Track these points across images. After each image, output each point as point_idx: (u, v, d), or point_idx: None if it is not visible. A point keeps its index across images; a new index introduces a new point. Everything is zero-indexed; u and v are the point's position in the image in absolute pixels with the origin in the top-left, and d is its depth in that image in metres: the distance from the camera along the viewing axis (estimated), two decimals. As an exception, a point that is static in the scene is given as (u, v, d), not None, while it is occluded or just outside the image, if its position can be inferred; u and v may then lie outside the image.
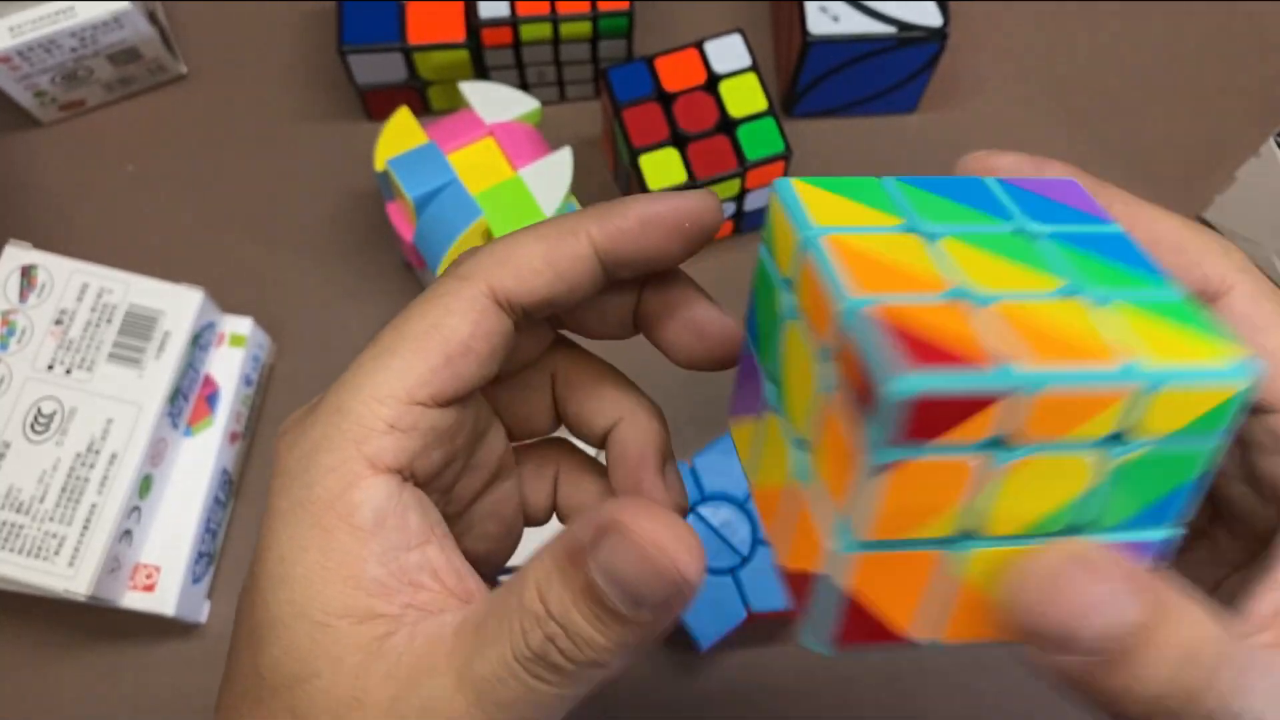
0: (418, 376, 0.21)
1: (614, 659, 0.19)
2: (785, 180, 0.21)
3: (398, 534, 0.20)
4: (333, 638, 0.20)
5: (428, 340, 0.21)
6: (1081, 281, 0.18)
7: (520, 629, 0.19)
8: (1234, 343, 0.17)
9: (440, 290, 0.22)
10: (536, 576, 0.19)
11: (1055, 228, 0.20)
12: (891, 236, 0.19)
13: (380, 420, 0.20)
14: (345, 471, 0.20)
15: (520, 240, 0.22)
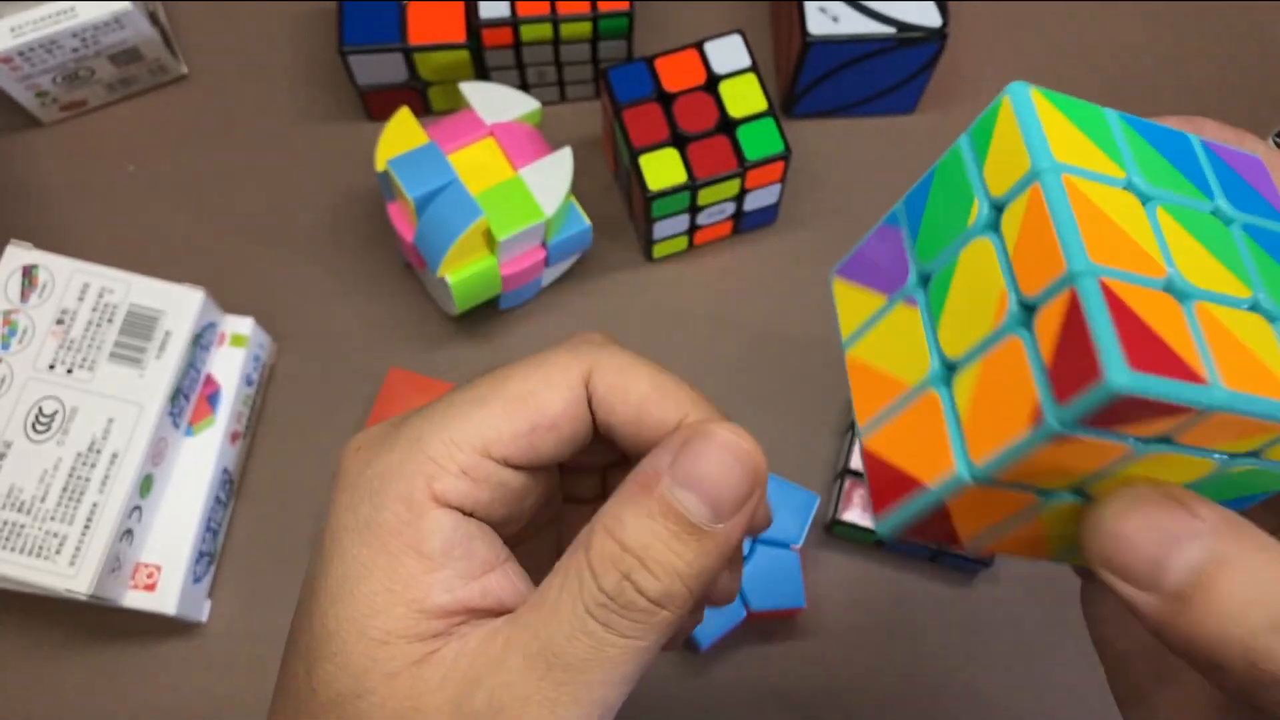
0: (500, 435, 0.21)
1: (689, 589, 0.19)
2: (1023, 87, 0.20)
3: (463, 563, 0.20)
4: (388, 654, 0.20)
5: (522, 405, 0.21)
6: (1266, 292, 0.18)
7: (591, 577, 0.19)
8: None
9: (550, 359, 0.22)
10: (604, 523, 0.20)
11: (1247, 218, 0.20)
12: (1117, 193, 0.18)
13: (455, 464, 0.21)
14: (415, 501, 0.20)
15: (637, 367, 0.23)
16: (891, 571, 0.44)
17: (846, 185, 0.51)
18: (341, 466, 0.22)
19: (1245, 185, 0.21)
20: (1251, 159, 0.21)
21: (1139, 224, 0.18)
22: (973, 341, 0.18)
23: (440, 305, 0.48)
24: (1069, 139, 0.19)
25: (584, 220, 0.45)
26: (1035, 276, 0.17)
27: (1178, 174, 0.20)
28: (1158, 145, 0.20)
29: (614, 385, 0.22)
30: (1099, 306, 0.16)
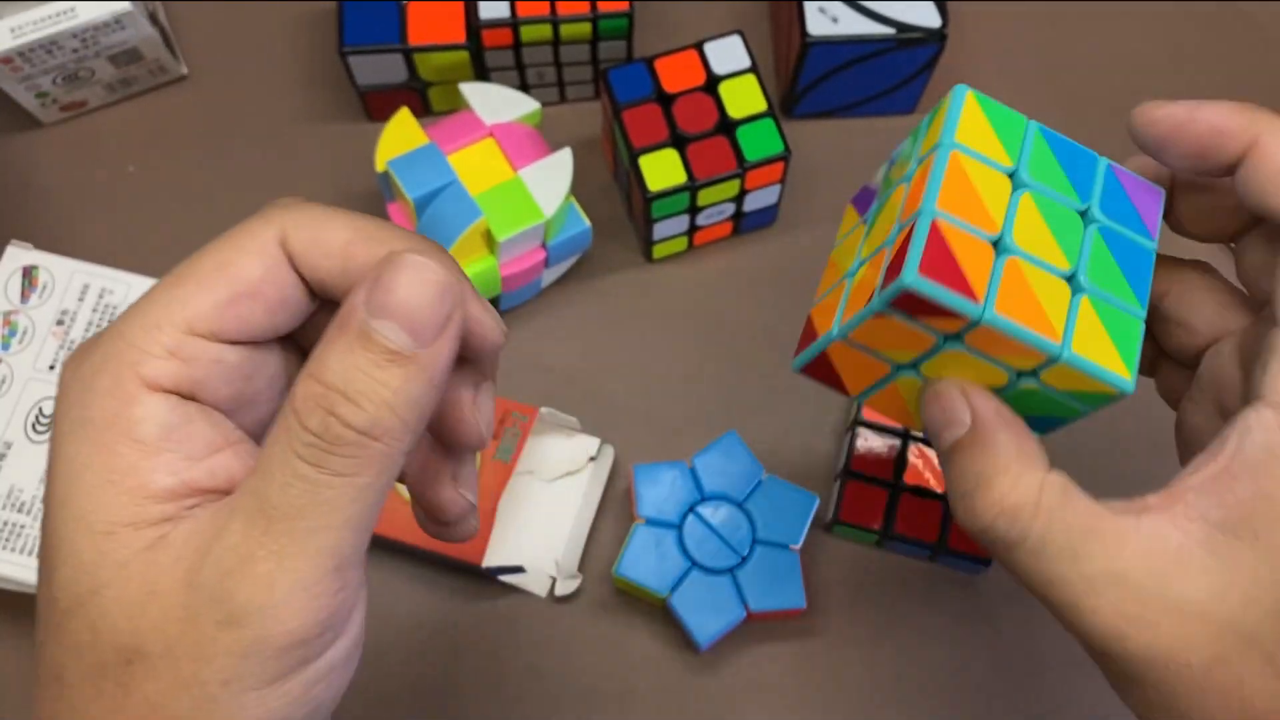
0: (200, 310, 0.21)
1: (400, 418, 0.19)
2: (963, 89, 0.28)
3: (185, 445, 0.20)
4: (116, 545, 0.20)
5: (216, 276, 0.21)
6: (1085, 273, 0.26)
7: (296, 421, 0.19)
8: (1131, 367, 0.25)
9: (242, 227, 0.21)
10: (308, 369, 0.19)
11: (1109, 223, 0.27)
12: (995, 174, 0.26)
13: (158, 345, 0.20)
14: (122, 391, 0.20)
15: (333, 218, 0.22)
16: (891, 571, 0.44)
17: (846, 186, 0.51)
18: (60, 379, 0.21)
19: (1129, 204, 0.28)
20: (1153, 189, 0.29)
21: (999, 198, 0.26)
22: (871, 250, 0.27)
23: (440, 306, 0.48)
24: (978, 131, 0.27)
25: (584, 221, 0.45)
26: (909, 210, 0.25)
27: (1064, 178, 0.27)
28: (1059, 155, 0.28)
29: (312, 239, 0.21)
30: (923, 233, 0.24)
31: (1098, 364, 0.25)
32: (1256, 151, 0.23)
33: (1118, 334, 0.25)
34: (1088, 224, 0.27)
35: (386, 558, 0.44)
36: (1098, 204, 0.27)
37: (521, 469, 0.43)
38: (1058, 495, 0.23)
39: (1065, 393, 0.26)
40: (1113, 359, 0.25)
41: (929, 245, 0.24)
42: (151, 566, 0.20)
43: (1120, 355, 0.25)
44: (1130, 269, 0.26)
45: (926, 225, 0.24)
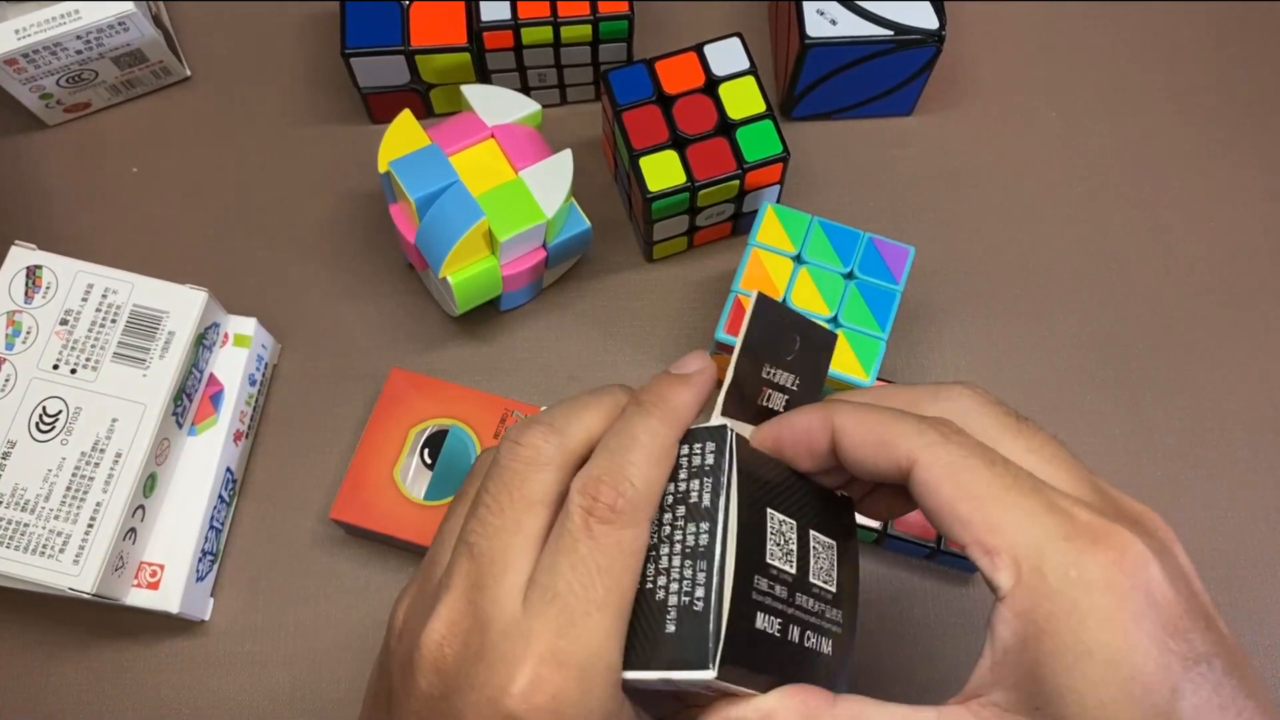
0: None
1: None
2: (765, 203, 0.44)
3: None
4: None
5: None
6: (842, 314, 0.42)
7: None
8: (869, 372, 0.41)
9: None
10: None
11: (865, 278, 0.43)
12: (780, 258, 0.43)
13: None
14: None
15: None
16: (890, 570, 0.44)
17: (845, 187, 0.51)
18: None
19: (883, 263, 0.43)
20: (902, 248, 0.43)
21: (783, 274, 0.43)
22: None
23: (442, 306, 0.48)
24: (773, 230, 0.43)
25: (584, 221, 0.45)
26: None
27: (833, 252, 0.43)
28: (830, 236, 0.43)
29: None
30: (729, 304, 0.42)
31: (845, 373, 0.41)
32: (921, 467, 0.25)
33: (862, 352, 0.41)
34: (848, 281, 0.42)
35: (387, 556, 0.44)
36: (857, 266, 0.43)
37: (522, 468, 0.43)
38: (854, 707, 0.27)
39: (836, 391, 0.35)
40: (855, 368, 0.41)
41: (732, 312, 0.42)
42: None
43: (861, 365, 0.41)
44: (877, 307, 0.42)
45: (731, 300, 0.42)
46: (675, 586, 0.25)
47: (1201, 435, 0.47)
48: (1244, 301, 0.49)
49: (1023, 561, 0.23)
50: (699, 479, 0.25)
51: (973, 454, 0.24)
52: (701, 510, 0.25)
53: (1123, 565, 0.22)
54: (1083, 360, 0.48)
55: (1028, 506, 0.24)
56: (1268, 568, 0.45)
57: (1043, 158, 0.52)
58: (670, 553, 0.25)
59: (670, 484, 0.26)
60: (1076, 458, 0.26)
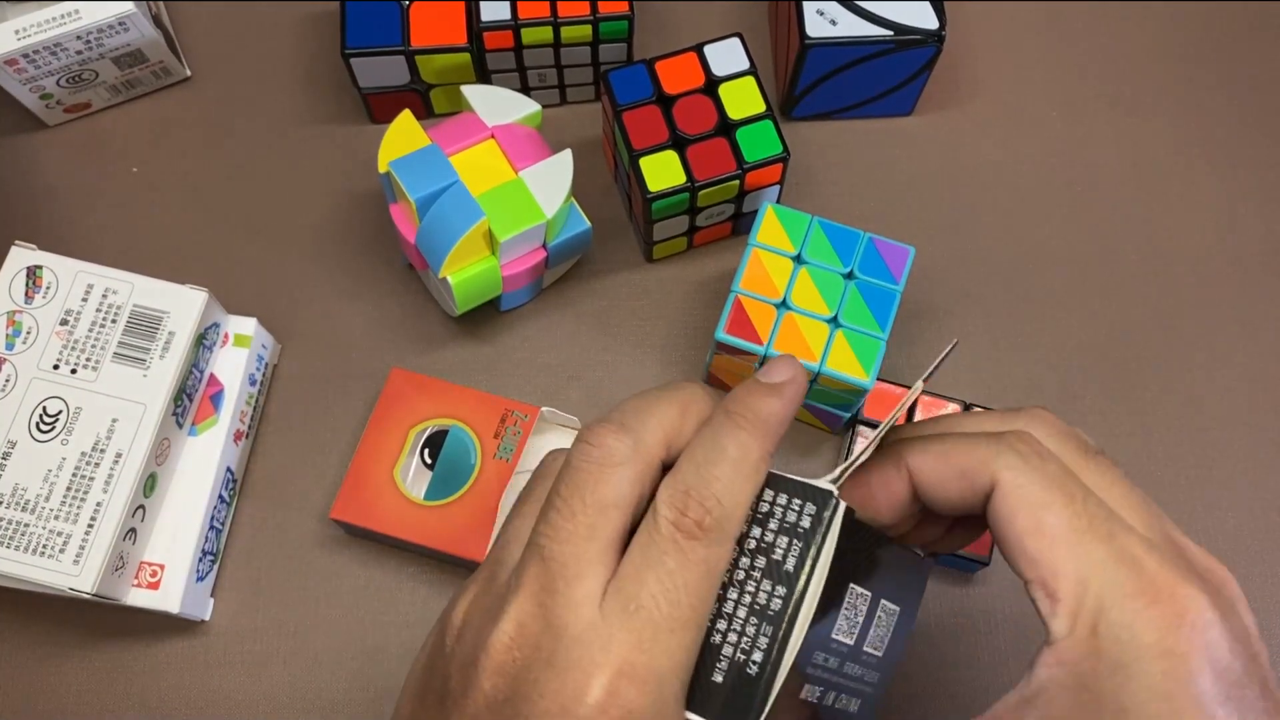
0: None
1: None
2: (766, 204, 0.43)
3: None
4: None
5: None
6: (842, 314, 0.41)
7: None
8: (869, 372, 0.40)
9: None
10: None
11: (865, 278, 0.42)
12: (780, 259, 0.42)
13: None
14: None
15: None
16: (890, 570, 0.44)
17: (844, 187, 0.51)
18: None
19: (883, 263, 0.42)
20: (901, 249, 0.43)
21: (783, 274, 0.42)
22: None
23: (442, 305, 0.48)
24: (774, 230, 0.43)
25: (584, 221, 0.45)
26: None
27: (833, 253, 0.42)
28: (830, 236, 0.43)
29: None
30: (729, 304, 0.41)
31: (845, 373, 0.40)
32: (999, 493, 0.25)
33: (862, 352, 0.41)
34: (848, 281, 0.42)
35: (387, 556, 0.44)
36: (857, 266, 0.42)
37: (522, 468, 0.43)
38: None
39: (837, 390, 0.42)
40: (856, 369, 0.40)
41: (732, 313, 0.41)
42: None
43: (861, 366, 0.40)
44: (877, 308, 0.41)
45: (731, 300, 0.42)
46: (734, 639, 0.24)
47: (1201, 435, 0.47)
48: (1244, 301, 0.49)
49: (1081, 614, 0.23)
50: (788, 537, 0.24)
51: (1053, 485, 0.24)
52: (782, 573, 0.24)
53: (1181, 628, 0.22)
54: (1083, 360, 0.48)
55: (1100, 555, 0.23)
56: (1268, 568, 0.45)
57: (1043, 158, 0.52)
58: (739, 600, 0.24)
59: (756, 528, 0.25)
60: (1148, 497, 0.25)
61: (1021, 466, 0.24)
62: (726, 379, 0.45)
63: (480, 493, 0.42)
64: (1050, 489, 0.24)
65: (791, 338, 0.41)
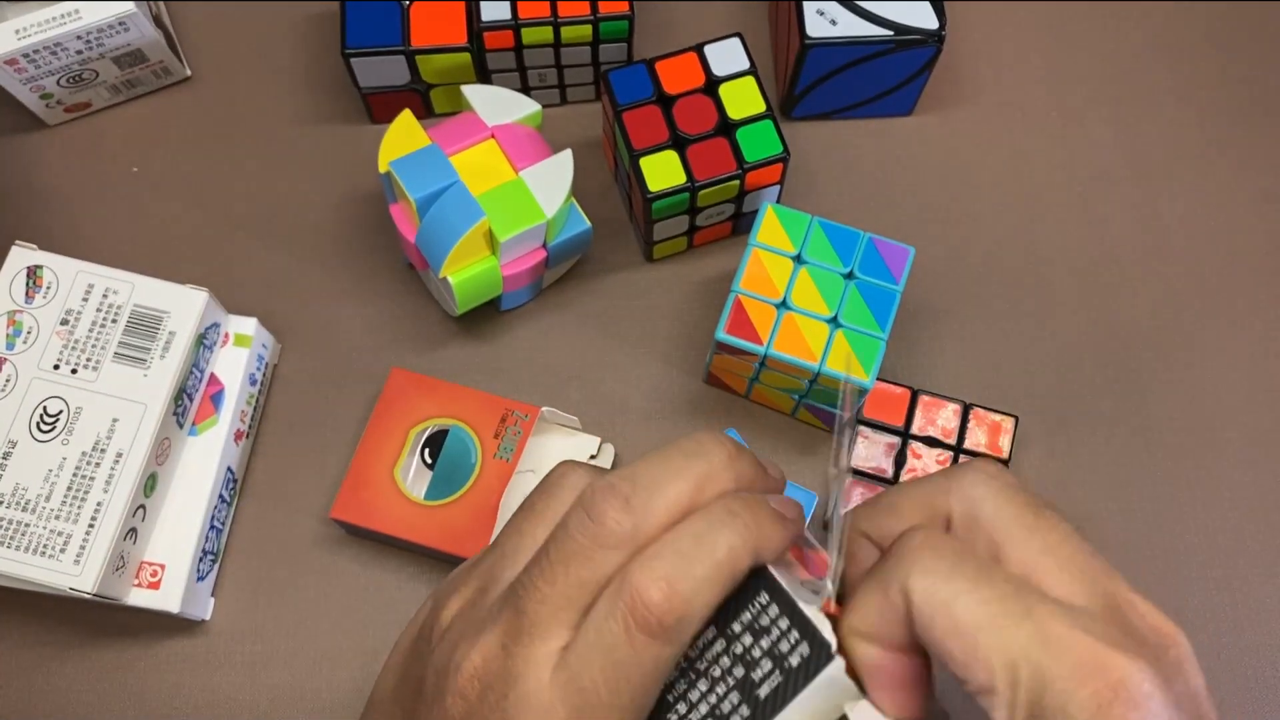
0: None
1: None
2: (766, 203, 0.43)
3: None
4: None
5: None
6: (842, 314, 0.41)
7: None
8: (869, 372, 0.40)
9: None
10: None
11: (865, 278, 0.42)
12: (780, 258, 0.42)
13: None
14: None
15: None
16: (890, 570, 0.44)
17: (844, 187, 0.51)
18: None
19: (883, 263, 0.42)
20: (901, 249, 0.43)
21: (783, 274, 0.42)
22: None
23: (442, 305, 0.48)
24: (773, 230, 0.43)
25: (585, 221, 0.45)
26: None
27: (833, 253, 0.42)
28: (830, 236, 0.43)
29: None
30: (729, 304, 0.41)
31: (844, 373, 0.40)
32: (914, 607, 0.24)
33: (862, 353, 0.41)
34: (848, 281, 0.42)
35: (387, 556, 0.44)
36: (857, 266, 0.42)
37: (523, 467, 0.43)
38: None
39: (836, 390, 0.42)
40: (855, 369, 0.40)
41: (732, 313, 0.41)
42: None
43: (861, 366, 0.40)
44: (877, 308, 0.41)
45: (731, 300, 0.41)
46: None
47: (1201, 435, 0.47)
48: (1244, 301, 0.49)
49: (1018, 704, 0.22)
50: (773, 663, 0.23)
51: (956, 574, 0.23)
52: (754, 696, 0.23)
53: (1115, 704, 0.21)
54: (1082, 360, 0.48)
55: (1021, 639, 0.22)
56: (1268, 568, 0.45)
57: (1043, 158, 0.52)
58: (704, 694, 0.24)
59: (750, 637, 0.24)
60: (1095, 555, 0.24)
61: (927, 566, 0.23)
62: (727, 379, 0.45)
63: (480, 493, 0.42)
64: (954, 579, 0.23)
65: (791, 338, 0.41)
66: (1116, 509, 0.46)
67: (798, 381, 0.42)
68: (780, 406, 0.46)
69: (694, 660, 0.25)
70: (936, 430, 0.44)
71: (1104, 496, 0.46)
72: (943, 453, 0.44)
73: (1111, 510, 0.45)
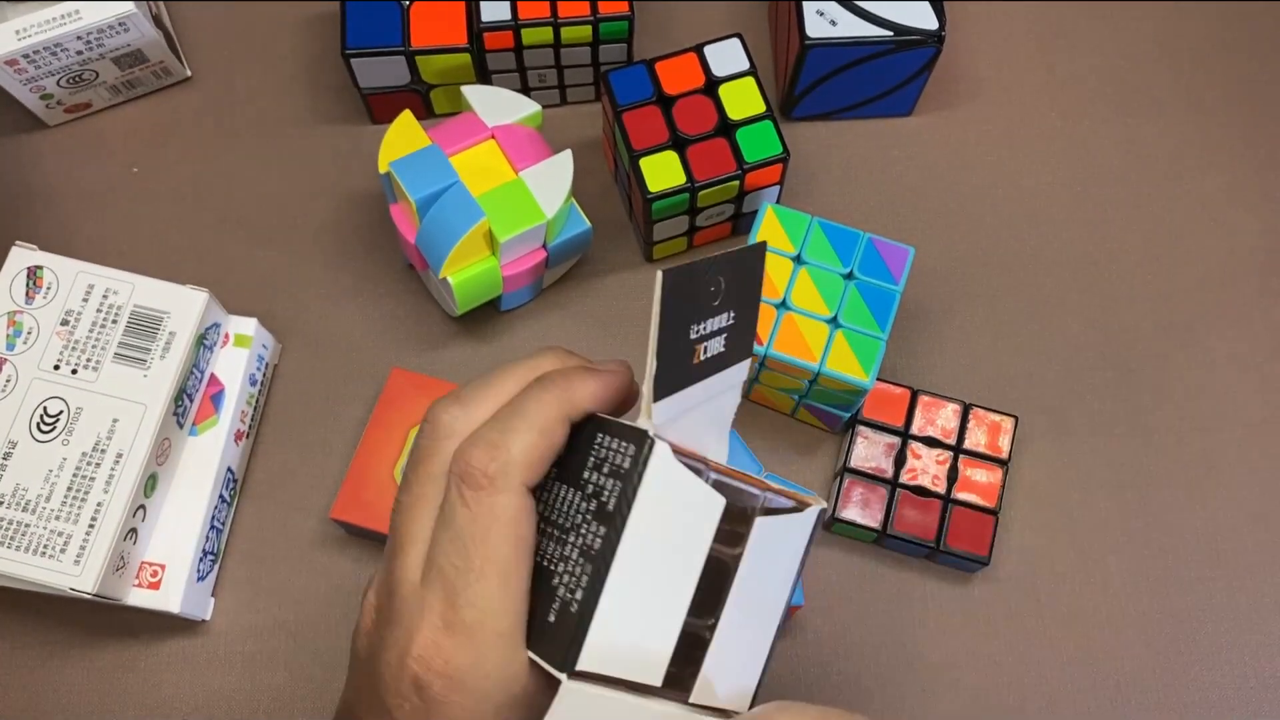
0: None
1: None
2: (765, 204, 0.44)
3: None
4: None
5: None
6: (841, 314, 0.42)
7: None
8: (869, 372, 0.41)
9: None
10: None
11: (865, 279, 0.42)
12: (779, 259, 0.43)
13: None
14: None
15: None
16: (890, 569, 0.44)
17: (844, 187, 0.51)
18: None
19: (883, 264, 0.43)
20: (901, 249, 0.43)
21: (783, 274, 0.42)
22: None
23: (442, 306, 0.48)
24: (773, 230, 0.43)
25: (584, 222, 0.45)
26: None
27: (833, 253, 0.43)
28: (830, 236, 0.43)
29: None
30: None
31: (845, 373, 0.41)
32: None
33: (861, 352, 0.41)
34: (848, 281, 0.42)
35: (388, 556, 0.44)
36: (857, 266, 0.43)
37: (522, 468, 0.43)
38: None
39: (836, 390, 0.42)
40: (855, 369, 0.41)
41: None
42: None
43: (861, 366, 0.41)
44: (877, 308, 0.42)
45: None
46: (566, 580, 0.25)
47: (1201, 435, 0.47)
48: (1244, 301, 0.49)
49: None
50: (614, 479, 0.25)
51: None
52: (606, 513, 0.25)
53: None
54: (1082, 360, 0.48)
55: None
56: (1268, 568, 0.45)
57: (1043, 158, 0.52)
58: (572, 543, 0.25)
59: (593, 472, 0.25)
60: None
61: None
62: None
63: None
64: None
65: (791, 338, 0.41)
66: (1115, 508, 0.46)
67: (797, 382, 0.42)
68: (780, 406, 0.46)
69: (557, 520, 0.26)
70: (936, 430, 0.44)
71: (1104, 496, 0.46)
72: (943, 453, 0.44)
73: (1111, 510, 0.46)
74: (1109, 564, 0.45)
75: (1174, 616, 0.44)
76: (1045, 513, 0.45)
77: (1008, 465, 0.44)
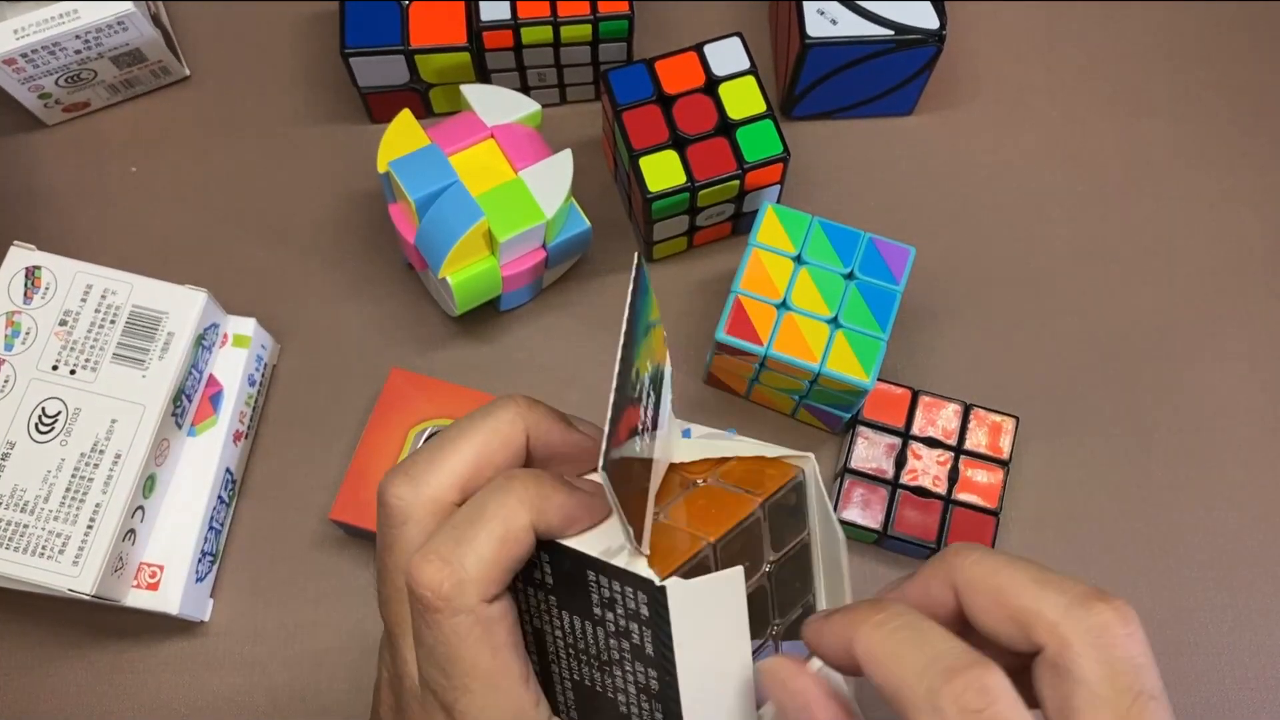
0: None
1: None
2: (766, 203, 0.43)
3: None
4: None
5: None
6: (842, 314, 0.42)
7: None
8: (869, 372, 0.40)
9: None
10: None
11: (865, 278, 0.42)
12: (779, 258, 0.43)
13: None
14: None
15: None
16: (891, 570, 0.44)
17: (844, 187, 0.51)
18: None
19: (883, 264, 0.42)
20: (902, 249, 0.43)
21: (783, 275, 0.42)
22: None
23: (441, 306, 0.48)
24: (773, 230, 0.43)
25: (584, 221, 0.45)
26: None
27: (833, 253, 0.43)
28: (831, 237, 0.43)
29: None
30: (729, 305, 0.41)
31: (845, 374, 0.41)
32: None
33: (862, 353, 0.41)
34: (849, 281, 0.42)
35: (388, 557, 0.44)
36: (858, 266, 0.42)
37: (522, 468, 0.43)
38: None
39: (837, 391, 0.42)
40: (856, 369, 0.41)
41: (732, 313, 0.41)
42: None
43: (861, 366, 0.41)
44: (877, 308, 0.42)
45: (731, 300, 0.42)
46: (637, 713, 0.25)
47: (1201, 435, 0.47)
48: (1243, 301, 0.49)
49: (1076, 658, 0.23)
50: (636, 622, 0.24)
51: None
52: (647, 656, 0.24)
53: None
54: (1083, 360, 0.48)
55: (1063, 601, 0.24)
56: (1268, 568, 0.45)
57: (1043, 158, 0.52)
58: (622, 676, 0.24)
59: (608, 611, 0.24)
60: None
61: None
62: (727, 379, 0.45)
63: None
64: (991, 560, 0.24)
65: (791, 338, 0.41)
66: (1116, 509, 0.45)
67: (798, 382, 0.42)
68: (780, 407, 0.46)
69: (588, 651, 0.25)
70: (937, 431, 0.44)
71: (1104, 496, 0.46)
72: (943, 453, 0.44)
73: (1111, 510, 0.45)
74: (1109, 564, 0.45)
75: (1174, 616, 0.44)
76: (1046, 513, 0.45)
77: (1009, 466, 0.44)
